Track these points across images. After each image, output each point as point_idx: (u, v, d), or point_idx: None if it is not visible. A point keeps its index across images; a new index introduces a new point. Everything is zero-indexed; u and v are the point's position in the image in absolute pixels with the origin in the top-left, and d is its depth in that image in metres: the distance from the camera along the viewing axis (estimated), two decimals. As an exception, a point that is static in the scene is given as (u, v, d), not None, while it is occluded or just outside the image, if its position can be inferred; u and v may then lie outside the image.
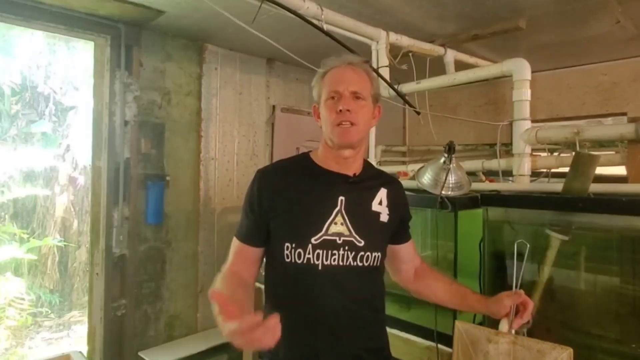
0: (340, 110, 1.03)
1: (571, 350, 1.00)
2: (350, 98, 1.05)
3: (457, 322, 1.14)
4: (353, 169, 1.12)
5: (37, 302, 4.95)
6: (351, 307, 1.06)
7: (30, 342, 4.60)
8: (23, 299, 4.62)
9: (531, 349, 1.03)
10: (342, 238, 1.04)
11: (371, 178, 1.16)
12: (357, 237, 1.05)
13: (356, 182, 1.11)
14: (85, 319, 2.84)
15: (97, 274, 2.58)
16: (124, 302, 2.60)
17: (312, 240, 1.03)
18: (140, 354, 2.62)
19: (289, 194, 1.07)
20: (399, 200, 1.18)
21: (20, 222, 5.19)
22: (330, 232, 1.04)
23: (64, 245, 5.26)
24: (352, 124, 1.04)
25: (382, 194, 1.14)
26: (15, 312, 4.53)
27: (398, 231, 1.19)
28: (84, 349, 2.56)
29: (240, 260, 1.11)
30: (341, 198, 1.07)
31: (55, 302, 5.11)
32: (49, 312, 5.04)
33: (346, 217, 1.06)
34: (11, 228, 4.99)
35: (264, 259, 1.14)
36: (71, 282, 5.36)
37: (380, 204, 1.12)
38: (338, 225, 1.05)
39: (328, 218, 1.05)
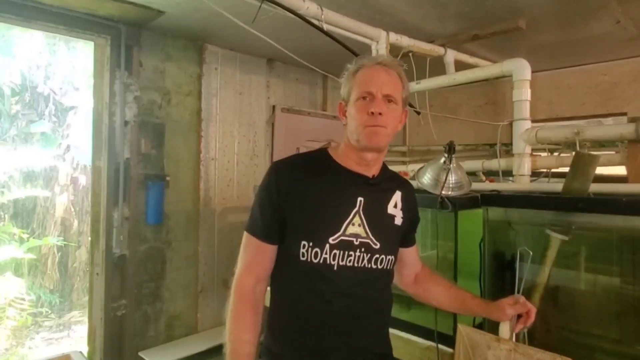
0: (372, 113, 1.00)
1: None
2: (382, 101, 1.02)
3: (459, 326, 1.13)
4: (373, 170, 1.10)
5: (37, 302, 4.95)
6: (363, 309, 1.05)
7: (31, 342, 4.60)
8: (23, 299, 4.62)
9: (531, 358, 1.01)
10: (359, 239, 1.03)
11: (388, 180, 1.14)
12: (373, 239, 1.04)
13: (375, 183, 1.09)
14: (86, 319, 2.84)
15: (97, 274, 2.58)
16: (124, 302, 2.60)
17: (330, 240, 1.00)
18: (141, 354, 2.62)
19: (308, 191, 1.04)
20: (411, 205, 1.17)
21: (21, 222, 5.20)
22: (347, 232, 1.02)
23: (64, 245, 5.27)
24: (381, 127, 1.02)
25: (397, 196, 1.12)
26: (16, 312, 4.53)
27: (406, 235, 1.18)
28: (84, 349, 2.57)
29: (257, 265, 1.07)
30: (360, 199, 1.05)
31: (56, 302, 5.11)
32: (49, 312, 5.04)
33: (364, 219, 1.04)
34: (11, 228, 5.00)
35: None
36: (71, 282, 5.37)
37: (395, 206, 1.11)
38: (355, 226, 1.03)
39: (346, 218, 1.02)
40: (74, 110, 5.63)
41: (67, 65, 5.62)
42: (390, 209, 1.11)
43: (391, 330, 1.62)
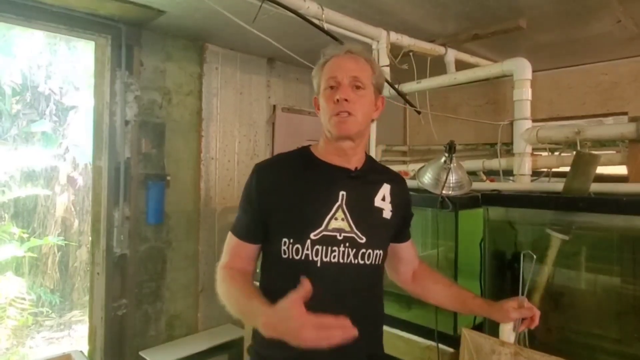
0: (338, 100, 0.99)
1: None
2: (349, 87, 1.00)
3: (464, 330, 1.12)
4: (354, 162, 1.08)
5: (38, 302, 4.96)
6: (355, 307, 1.01)
7: (31, 341, 4.60)
8: (24, 299, 4.62)
9: None
10: (342, 234, 1.00)
11: (374, 173, 1.12)
12: (358, 233, 1.01)
13: (358, 176, 1.07)
14: (86, 318, 2.84)
15: (97, 273, 2.58)
16: (125, 301, 2.60)
17: (311, 235, 0.98)
18: (141, 353, 2.62)
19: (288, 189, 1.03)
20: (402, 198, 1.14)
21: (21, 221, 5.20)
22: (330, 227, 0.99)
23: (65, 244, 5.27)
24: (349, 114, 1.00)
25: (386, 189, 1.10)
26: (16, 311, 4.53)
27: (400, 229, 1.16)
28: (85, 349, 2.57)
29: (238, 257, 1.07)
30: (342, 193, 1.02)
31: (56, 302, 5.11)
32: (50, 311, 5.05)
33: (347, 213, 1.01)
34: (12, 228, 5.00)
35: (260, 256, 1.10)
36: (72, 282, 5.37)
37: (383, 199, 1.09)
38: (339, 221, 1.00)
39: (328, 213, 1.00)
40: (74, 109, 5.63)
41: (68, 65, 5.63)
42: (378, 202, 1.08)
43: (391, 330, 1.63)
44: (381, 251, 1.07)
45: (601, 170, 1.46)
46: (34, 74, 5.48)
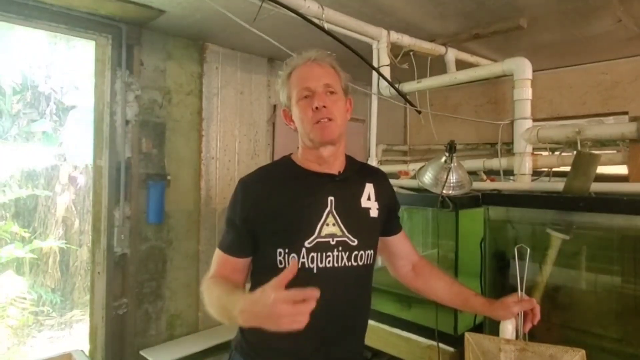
0: (317, 108, 1.01)
1: (584, 352, 0.99)
2: (323, 94, 1.03)
3: (466, 334, 1.11)
4: (337, 166, 1.10)
5: (39, 301, 4.96)
6: (346, 309, 1.05)
7: (32, 340, 4.61)
8: (24, 298, 4.62)
9: (543, 355, 1.01)
10: (335, 239, 1.02)
11: (356, 173, 1.14)
12: (350, 236, 1.04)
13: (343, 180, 1.09)
14: (87, 317, 2.85)
15: (98, 273, 2.58)
16: (125, 301, 2.60)
17: (306, 243, 1.00)
18: (142, 352, 2.63)
19: (276, 201, 1.04)
20: (385, 192, 1.16)
21: (22, 221, 5.20)
22: (323, 234, 1.01)
23: (67, 247, 5.27)
24: (330, 119, 1.02)
25: (369, 188, 1.12)
26: (17, 311, 4.54)
27: (387, 222, 1.17)
28: (86, 348, 2.57)
29: (224, 269, 1.07)
30: (330, 198, 1.04)
31: (56, 301, 5.12)
32: (51, 310, 5.05)
33: (337, 217, 1.04)
34: (12, 227, 5.00)
35: (250, 268, 1.10)
36: (72, 281, 5.37)
37: (369, 199, 1.11)
38: (330, 226, 1.02)
39: (319, 220, 1.02)
40: (74, 109, 5.63)
41: (68, 64, 5.62)
42: (364, 202, 1.10)
43: (392, 329, 1.64)
44: (372, 251, 1.09)
45: (602, 170, 1.46)
46: (34, 73, 5.48)
